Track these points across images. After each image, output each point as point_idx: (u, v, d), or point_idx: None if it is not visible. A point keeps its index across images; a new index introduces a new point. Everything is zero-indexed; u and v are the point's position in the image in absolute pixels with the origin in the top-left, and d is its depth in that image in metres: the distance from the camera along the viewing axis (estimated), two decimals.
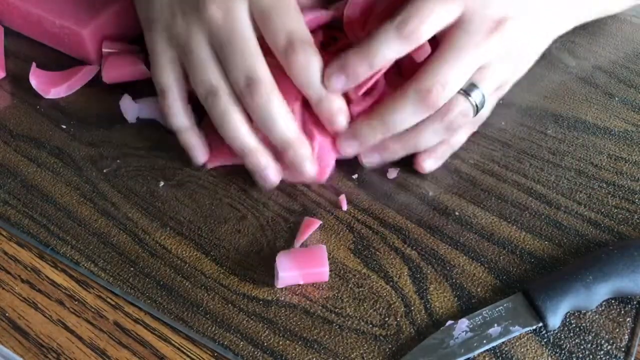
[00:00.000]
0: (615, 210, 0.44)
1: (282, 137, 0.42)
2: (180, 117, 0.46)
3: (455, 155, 0.47)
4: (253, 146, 0.43)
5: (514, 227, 0.43)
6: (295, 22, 0.41)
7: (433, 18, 0.40)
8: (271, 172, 0.44)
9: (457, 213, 0.44)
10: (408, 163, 0.47)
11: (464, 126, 0.45)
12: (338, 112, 0.43)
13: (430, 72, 0.41)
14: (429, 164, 0.46)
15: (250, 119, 0.43)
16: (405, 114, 0.42)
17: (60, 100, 0.52)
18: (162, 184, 0.46)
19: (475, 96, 0.42)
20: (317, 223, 0.43)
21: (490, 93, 0.44)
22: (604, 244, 0.42)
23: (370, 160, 0.46)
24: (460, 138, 0.47)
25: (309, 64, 0.41)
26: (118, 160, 0.47)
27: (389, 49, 0.40)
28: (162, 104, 0.46)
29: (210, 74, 0.42)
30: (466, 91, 0.42)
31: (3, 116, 0.50)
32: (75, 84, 0.52)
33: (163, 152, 0.48)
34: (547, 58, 0.54)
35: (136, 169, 0.47)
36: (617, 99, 0.51)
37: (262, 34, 0.42)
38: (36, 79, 0.51)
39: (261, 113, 0.42)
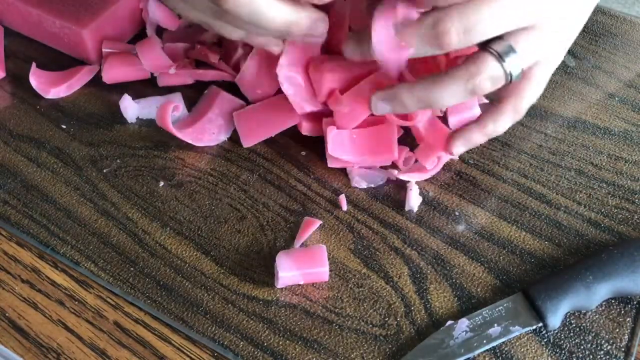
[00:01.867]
0: (615, 210, 0.44)
1: (277, 22, 0.37)
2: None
3: None
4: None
5: (514, 227, 0.43)
6: None
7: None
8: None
9: (457, 213, 0.44)
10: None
11: (488, 90, 0.39)
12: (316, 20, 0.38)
13: (453, 11, 0.35)
14: (457, 146, 0.42)
15: None
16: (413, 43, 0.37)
17: (60, 100, 0.52)
18: (162, 184, 0.46)
19: (511, 62, 0.37)
20: (317, 223, 0.43)
21: (530, 63, 0.38)
22: (604, 244, 0.42)
23: (380, 108, 0.41)
24: (498, 127, 0.42)
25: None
26: (118, 160, 0.47)
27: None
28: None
29: None
30: (500, 55, 0.37)
31: (3, 116, 0.50)
32: (75, 84, 0.52)
33: (163, 152, 0.48)
34: None
35: (136, 169, 0.47)
36: (617, 99, 0.51)
37: None
38: (36, 79, 0.51)
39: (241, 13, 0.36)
